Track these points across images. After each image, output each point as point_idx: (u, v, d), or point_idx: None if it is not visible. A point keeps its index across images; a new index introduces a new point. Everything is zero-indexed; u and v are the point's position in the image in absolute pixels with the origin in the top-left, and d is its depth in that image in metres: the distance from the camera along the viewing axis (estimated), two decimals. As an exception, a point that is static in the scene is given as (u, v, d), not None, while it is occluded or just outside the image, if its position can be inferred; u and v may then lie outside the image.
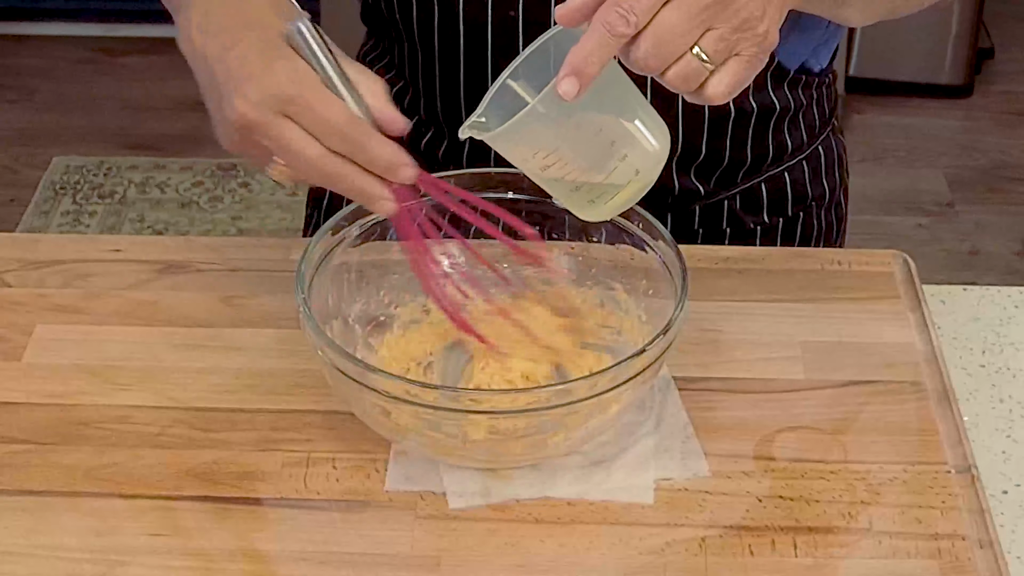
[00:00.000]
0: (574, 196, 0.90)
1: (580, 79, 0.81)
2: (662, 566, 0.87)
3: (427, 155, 1.23)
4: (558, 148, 0.87)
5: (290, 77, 0.87)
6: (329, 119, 0.87)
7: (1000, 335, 1.08)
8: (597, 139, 0.87)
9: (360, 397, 0.89)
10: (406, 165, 0.90)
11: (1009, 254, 2.79)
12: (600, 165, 0.88)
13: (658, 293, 0.97)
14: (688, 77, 0.84)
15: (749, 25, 0.83)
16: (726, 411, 0.98)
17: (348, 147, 0.88)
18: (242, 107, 0.88)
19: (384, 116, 0.90)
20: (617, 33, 0.81)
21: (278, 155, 0.90)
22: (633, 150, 0.88)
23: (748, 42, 0.84)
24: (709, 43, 0.83)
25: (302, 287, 0.92)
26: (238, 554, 0.88)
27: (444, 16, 1.14)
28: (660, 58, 0.83)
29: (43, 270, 1.11)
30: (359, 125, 0.88)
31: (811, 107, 1.24)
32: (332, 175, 0.89)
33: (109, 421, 0.97)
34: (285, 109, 0.87)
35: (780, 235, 1.26)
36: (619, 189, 0.90)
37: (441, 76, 1.18)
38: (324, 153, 0.88)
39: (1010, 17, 3.47)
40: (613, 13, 0.81)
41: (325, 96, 0.88)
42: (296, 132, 0.88)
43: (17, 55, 3.36)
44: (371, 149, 0.89)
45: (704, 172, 1.21)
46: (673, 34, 0.82)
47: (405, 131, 0.91)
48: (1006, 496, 0.94)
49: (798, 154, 1.25)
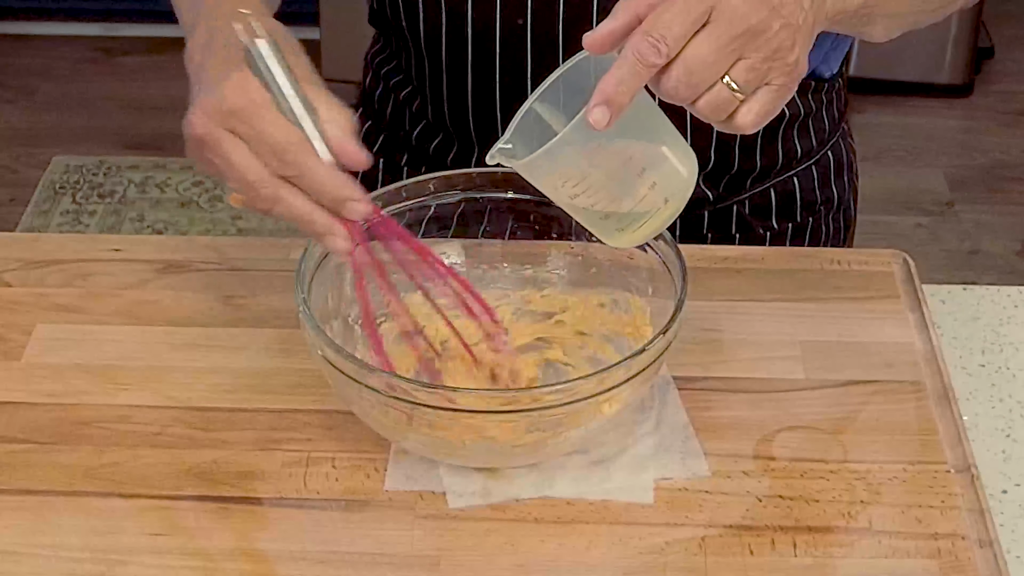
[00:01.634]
0: (603, 224, 0.90)
1: (611, 108, 0.81)
2: (662, 566, 0.87)
3: (436, 160, 1.23)
4: (587, 176, 0.86)
5: (236, 90, 0.85)
6: (270, 136, 0.84)
7: (1000, 335, 1.08)
8: (626, 167, 0.86)
9: (360, 397, 0.89)
10: (355, 200, 0.86)
11: (1009, 254, 2.79)
12: (629, 193, 0.87)
13: (658, 293, 0.97)
14: (719, 107, 0.83)
15: (780, 55, 0.83)
16: (726, 411, 0.98)
17: (289, 170, 0.85)
18: (194, 119, 0.86)
19: (341, 148, 0.86)
20: (648, 63, 0.80)
21: (224, 173, 0.86)
22: (662, 177, 0.88)
23: (778, 71, 0.83)
24: (740, 73, 0.82)
25: (302, 287, 0.92)
26: (238, 554, 0.88)
27: (451, 24, 1.13)
28: (691, 87, 0.82)
29: (43, 270, 1.11)
30: (303, 148, 0.84)
31: (821, 112, 1.24)
32: (272, 198, 0.85)
33: (109, 421, 0.97)
34: (229, 124, 0.85)
35: (789, 240, 1.26)
36: (649, 216, 0.89)
37: (448, 83, 1.17)
38: (266, 174, 0.85)
39: (1010, 17, 3.46)
40: (645, 42, 0.80)
41: (270, 114, 0.84)
42: (240, 150, 0.85)
43: (17, 55, 3.36)
44: (315, 175, 0.85)
45: (713, 179, 1.21)
46: (704, 64, 0.81)
47: (364, 166, 0.87)
48: (1006, 496, 0.94)
49: (808, 159, 1.25)
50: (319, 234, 0.87)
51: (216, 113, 0.85)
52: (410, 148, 1.25)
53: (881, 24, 1.06)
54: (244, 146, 0.85)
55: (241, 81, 0.85)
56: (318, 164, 0.85)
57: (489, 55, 1.13)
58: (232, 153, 0.85)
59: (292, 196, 0.86)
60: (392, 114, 1.26)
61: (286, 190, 0.85)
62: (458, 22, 1.13)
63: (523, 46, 1.12)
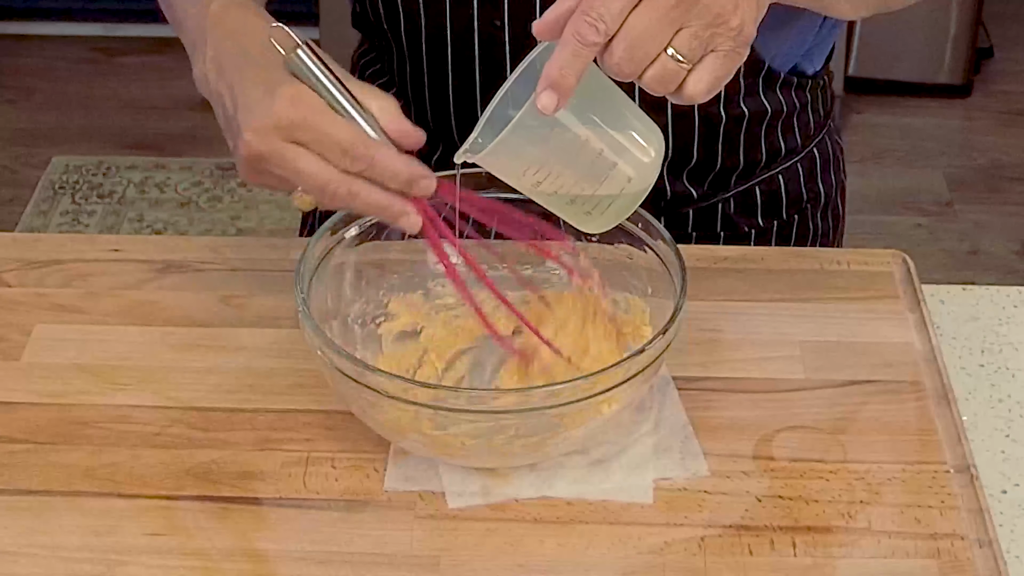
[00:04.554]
0: (570, 209, 0.90)
1: (558, 91, 0.81)
2: (661, 566, 0.88)
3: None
4: (547, 162, 0.86)
5: (292, 103, 0.87)
6: (336, 139, 0.87)
7: (999, 335, 1.08)
8: (585, 150, 0.87)
9: (359, 397, 0.89)
10: (423, 177, 0.89)
11: (1008, 254, 2.79)
12: (591, 176, 0.88)
13: (657, 293, 0.97)
14: (665, 79, 0.83)
15: (721, 20, 0.83)
16: (725, 411, 0.98)
17: (359, 165, 0.88)
18: (250, 138, 0.88)
19: (397, 130, 0.90)
20: (588, 42, 0.81)
21: (293, 181, 0.90)
22: (623, 158, 0.88)
23: (722, 37, 0.83)
24: (682, 42, 0.82)
25: (301, 287, 0.92)
26: (238, 554, 0.88)
27: (431, 25, 1.14)
28: (634, 62, 0.82)
29: (42, 270, 1.11)
30: (367, 142, 0.88)
31: (806, 110, 1.24)
32: (347, 196, 0.89)
33: (108, 421, 0.97)
34: (291, 135, 0.88)
35: (775, 238, 1.26)
36: (614, 198, 0.89)
37: (430, 84, 1.18)
38: (337, 174, 0.88)
39: (1009, 17, 3.46)
40: (583, 23, 0.81)
41: (330, 117, 0.88)
42: (306, 157, 0.88)
43: (17, 55, 3.36)
44: (383, 164, 0.88)
45: (697, 176, 1.21)
46: (644, 37, 0.81)
47: (421, 143, 0.91)
48: (1005, 496, 0.94)
49: (792, 157, 1.25)
50: (395, 216, 0.90)
51: (274, 127, 0.88)
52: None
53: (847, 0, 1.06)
54: (308, 153, 0.88)
55: (291, 91, 0.88)
56: (384, 153, 0.88)
57: (468, 56, 1.14)
58: (299, 162, 0.88)
59: (365, 188, 0.89)
60: None
61: (358, 185, 0.89)
62: (437, 24, 1.13)
63: (501, 47, 1.12)
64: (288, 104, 0.87)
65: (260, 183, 0.92)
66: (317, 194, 0.90)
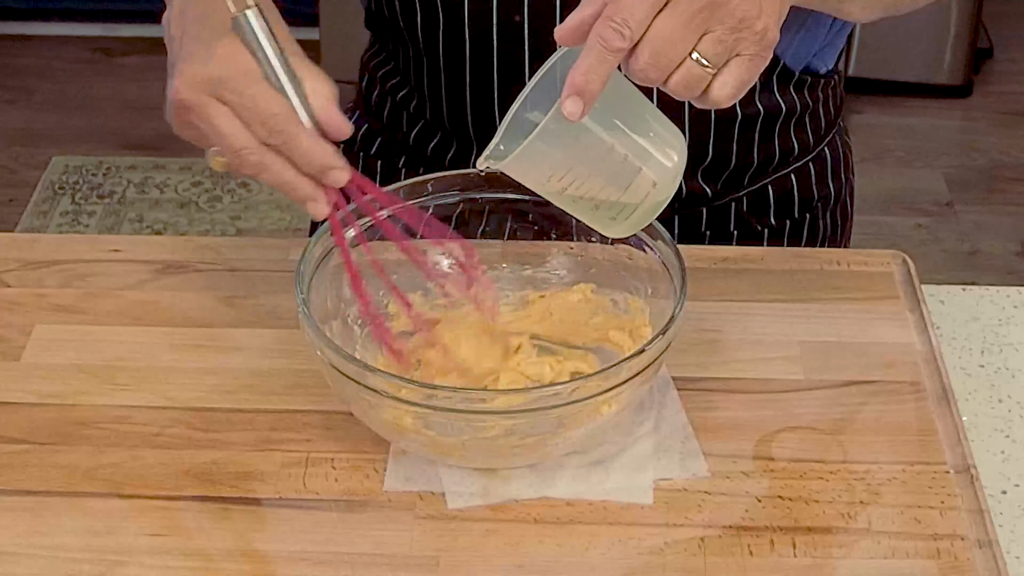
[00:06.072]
0: (595, 215, 0.90)
1: (583, 97, 0.81)
2: (661, 566, 0.87)
3: (434, 160, 1.23)
4: (572, 168, 0.86)
5: (224, 60, 0.87)
6: (259, 107, 0.87)
7: (999, 335, 1.08)
8: (610, 156, 0.87)
9: (359, 397, 0.89)
10: (336, 168, 0.89)
11: (1008, 254, 2.79)
12: (616, 181, 0.88)
13: (657, 293, 0.97)
14: (690, 83, 0.83)
15: (746, 24, 0.83)
16: (725, 411, 0.98)
17: (276, 139, 0.87)
18: (179, 86, 0.88)
19: (326, 118, 0.89)
20: (613, 48, 0.81)
21: (210, 138, 0.89)
22: (648, 163, 0.88)
23: (747, 41, 0.83)
24: (707, 47, 0.82)
25: (301, 287, 0.92)
26: (237, 554, 0.88)
27: (449, 22, 1.13)
28: (660, 68, 0.82)
29: (42, 270, 1.11)
30: (288, 118, 0.87)
31: (817, 109, 1.24)
32: (257, 165, 0.88)
33: (108, 421, 0.97)
34: (216, 91, 0.87)
35: (787, 237, 1.26)
36: (639, 203, 0.89)
37: (447, 82, 1.18)
38: (253, 142, 0.88)
39: (1009, 17, 3.47)
40: (608, 28, 0.80)
41: (258, 83, 0.87)
42: (226, 116, 0.87)
43: (17, 55, 3.36)
44: (299, 145, 0.88)
45: (711, 175, 1.21)
46: (670, 42, 0.81)
47: (344, 135, 0.90)
48: (1005, 496, 0.94)
49: (805, 156, 1.25)
50: (301, 199, 0.90)
51: (204, 80, 0.87)
52: (408, 150, 1.25)
53: (858, 4, 1.05)
54: (230, 113, 0.88)
55: (230, 49, 0.87)
56: (303, 133, 0.88)
57: (487, 53, 1.13)
58: (218, 119, 0.88)
59: (277, 164, 0.89)
60: (389, 116, 1.26)
61: (271, 157, 0.88)
62: (455, 20, 1.13)
63: (521, 43, 1.12)
64: (220, 60, 0.87)
65: (182, 133, 0.91)
66: (230, 156, 0.89)
